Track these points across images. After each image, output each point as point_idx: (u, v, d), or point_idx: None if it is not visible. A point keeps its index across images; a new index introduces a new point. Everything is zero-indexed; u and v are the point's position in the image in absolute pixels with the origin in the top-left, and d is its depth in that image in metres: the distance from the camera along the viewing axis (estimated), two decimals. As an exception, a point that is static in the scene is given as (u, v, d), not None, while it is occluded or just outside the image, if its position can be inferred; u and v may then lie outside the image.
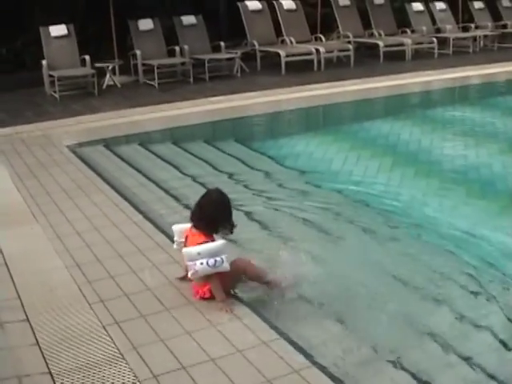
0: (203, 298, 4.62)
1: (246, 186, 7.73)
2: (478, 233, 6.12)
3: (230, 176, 8.09)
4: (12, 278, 5.10)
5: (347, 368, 3.98)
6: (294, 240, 5.94)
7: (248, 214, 6.73)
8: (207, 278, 4.56)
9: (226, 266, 4.53)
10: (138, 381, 3.69)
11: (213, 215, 4.70)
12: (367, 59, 16.48)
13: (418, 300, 4.93)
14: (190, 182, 7.89)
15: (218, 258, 4.48)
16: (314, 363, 3.86)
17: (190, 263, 4.52)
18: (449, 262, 5.54)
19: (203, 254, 4.48)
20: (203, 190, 5.41)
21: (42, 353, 4.02)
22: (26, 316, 4.48)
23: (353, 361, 4.10)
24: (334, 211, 6.89)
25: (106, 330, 4.26)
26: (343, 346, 4.25)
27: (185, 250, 4.62)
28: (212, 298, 4.60)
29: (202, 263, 4.47)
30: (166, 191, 7.48)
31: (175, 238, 4.92)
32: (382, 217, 6.67)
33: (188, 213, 4.81)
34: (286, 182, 7.94)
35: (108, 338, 4.15)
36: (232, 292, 4.73)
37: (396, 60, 16.24)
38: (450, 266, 5.46)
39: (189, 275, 4.60)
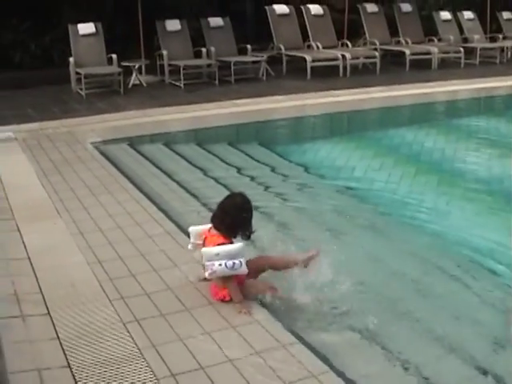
0: (223, 301, 4.63)
1: (266, 189, 7.74)
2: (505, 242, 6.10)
3: (253, 179, 8.10)
4: (35, 272, 5.15)
5: (366, 374, 3.97)
6: (310, 241, 5.95)
7: (266, 214, 6.74)
8: (225, 279, 4.58)
9: (244, 269, 4.55)
10: (156, 379, 3.71)
11: (235, 219, 4.72)
12: (393, 67, 16.46)
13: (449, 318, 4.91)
14: (212, 184, 7.91)
15: (236, 261, 4.49)
16: (332, 367, 3.87)
17: (208, 263, 4.54)
18: (471, 271, 5.53)
19: (221, 256, 4.49)
20: (225, 192, 5.43)
21: (62, 347, 4.05)
22: (48, 310, 4.53)
23: (373, 367, 4.10)
24: (350, 214, 6.90)
25: (125, 326, 4.29)
26: (362, 352, 4.25)
27: (204, 249, 4.64)
28: (232, 300, 4.61)
29: (220, 264, 4.49)
30: (189, 191, 7.51)
31: (191, 240, 4.96)
32: (405, 225, 6.66)
33: (209, 214, 4.83)
34: (307, 186, 7.94)
35: (128, 335, 4.18)
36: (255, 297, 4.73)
37: (422, 68, 16.20)
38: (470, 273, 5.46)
39: (206, 275, 4.62)
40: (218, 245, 4.58)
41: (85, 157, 8.66)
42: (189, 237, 5.62)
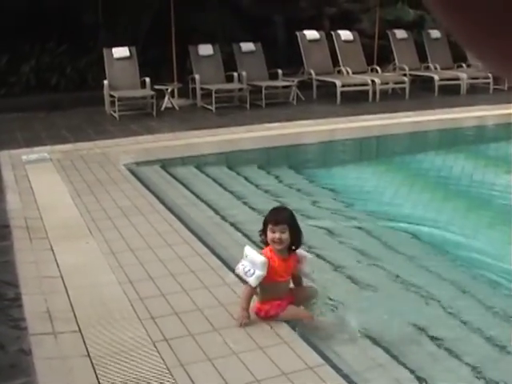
0: (267, 317, 4.68)
1: (296, 212, 7.74)
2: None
3: (280, 201, 8.11)
4: (67, 290, 5.19)
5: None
6: (343, 267, 5.94)
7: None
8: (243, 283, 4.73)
9: (253, 281, 4.57)
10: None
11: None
12: (422, 92, 16.44)
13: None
14: (241, 206, 7.94)
15: (251, 270, 4.55)
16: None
17: (241, 260, 4.69)
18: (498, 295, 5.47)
19: (247, 259, 4.62)
20: (255, 215, 5.40)
21: (92, 364, 4.08)
22: (79, 327, 4.56)
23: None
24: (381, 240, 6.87)
25: (155, 346, 4.31)
26: (388, 374, 4.22)
27: (246, 247, 4.79)
28: (273, 317, 4.66)
29: (242, 265, 4.63)
30: (218, 213, 7.54)
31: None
32: (433, 249, 6.61)
33: (237, 234, 4.82)
34: (335, 211, 7.93)
35: (157, 354, 4.20)
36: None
37: (451, 94, 16.16)
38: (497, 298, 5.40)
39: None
40: (261, 253, 4.68)
41: (117, 178, 8.74)
42: (218, 258, 5.71)
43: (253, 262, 4.57)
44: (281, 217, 4.73)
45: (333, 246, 6.73)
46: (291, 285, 4.97)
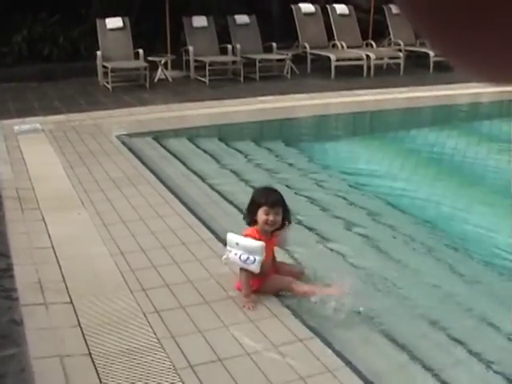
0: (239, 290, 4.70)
1: (288, 186, 7.75)
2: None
3: (273, 175, 8.12)
4: (58, 261, 5.20)
5: (381, 372, 3.97)
6: (334, 242, 5.95)
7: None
8: (240, 270, 4.63)
9: (255, 267, 4.54)
10: (175, 369, 3.74)
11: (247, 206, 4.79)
12: (417, 68, 16.39)
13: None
14: (234, 179, 7.95)
15: (250, 257, 4.52)
16: (348, 363, 3.89)
17: (228, 248, 4.62)
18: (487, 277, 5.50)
19: (240, 247, 4.54)
20: (247, 188, 5.41)
21: (83, 335, 4.10)
22: (70, 299, 4.57)
23: (389, 365, 4.10)
24: (372, 214, 6.88)
25: (146, 317, 4.33)
26: (379, 351, 4.25)
27: (228, 234, 4.68)
28: (257, 290, 4.66)
29: (235, 254, 4.55)
30: (211, 186, 7.53)
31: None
32: (424, 227, 6.62)
33: (229, 207, 4.80)
34: (327, 184, 7.94)
35: (148, 325, 4.22)
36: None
37: (446, 70, 16.08)
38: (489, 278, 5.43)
39: (222, 258, 4.71)
40: (246, 236, 4.61)
41: (110, 149, 8.73)
42: (210, 231, 5.71)
43: (249, 249, 4.52)
44: (275, 199, 4.68)
45: (322, 218, 6.74)
46: None
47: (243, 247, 4.53)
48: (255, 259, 4.52)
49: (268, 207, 4.59)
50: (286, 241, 5.04)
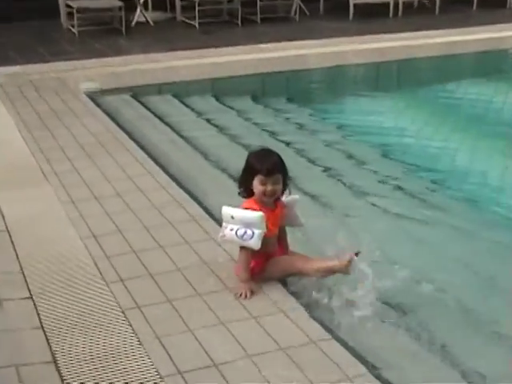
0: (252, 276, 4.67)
1: (297, 152, 7.74)
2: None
3: (278, 138, 8.10)
4: (14, 248, 5.16)
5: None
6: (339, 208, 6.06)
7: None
8: (240, 249, 4.62)
9: (255, 243, 4.51)
10: (159, 375, 3.71)
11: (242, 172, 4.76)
12: (457, 5, 16.25)
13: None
14: (230, 144, 7.92)
15: (248, 231, 4.49)
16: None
17: (224, 224, 4.62)
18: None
19: (236, 220, 4.53)
20: (243, 153, 5.35)
21: (46, 338, 4.06)
22: (30, 293, 4.54)
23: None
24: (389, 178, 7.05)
25: (125, 315, 4.29)
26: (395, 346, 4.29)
27: (223, 208, 4.66)
28: (260, 274, 4.67)
29: (231, 229, 4.54)
30: (203, 154, 7.51)
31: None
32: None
33: (225, 178, 4.78)
34: (341, 148, 7.99)
35: (127, 325, 4.18)
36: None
37: (493, 7, 15.98)
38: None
39: (218, 236, 4.72)
40: (245, 208, 4.59)
41: (78, 109, 8.69)
42: (201, 207, 5.71)
43: (246, 222, 4.49)
44: (272, 165, 4.58)
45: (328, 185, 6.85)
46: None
47: (239, 220, 4.51)
48: (253, 233, 4.48)
49: (264, 176, 4.53)
50: (298, 216, 4.99)
